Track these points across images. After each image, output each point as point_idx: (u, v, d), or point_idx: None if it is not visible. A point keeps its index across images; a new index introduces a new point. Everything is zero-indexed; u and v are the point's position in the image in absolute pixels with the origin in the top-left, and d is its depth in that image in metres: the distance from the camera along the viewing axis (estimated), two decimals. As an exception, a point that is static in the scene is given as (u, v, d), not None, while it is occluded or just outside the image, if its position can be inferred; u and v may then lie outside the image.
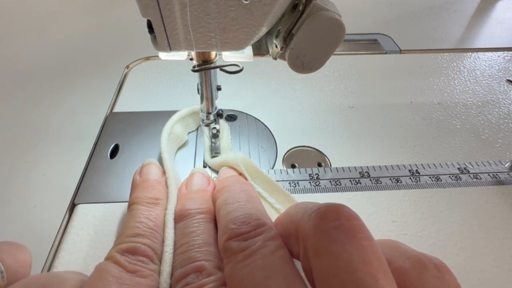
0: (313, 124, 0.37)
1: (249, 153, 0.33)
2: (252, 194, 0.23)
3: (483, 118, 0.38)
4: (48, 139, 0.34)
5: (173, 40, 0.20)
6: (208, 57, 0.25)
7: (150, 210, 0.22)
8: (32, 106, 0.38)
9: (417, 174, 0.31)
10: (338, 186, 0.30)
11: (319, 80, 0.44)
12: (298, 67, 0.23)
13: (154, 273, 0.19)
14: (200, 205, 0.22)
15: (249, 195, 0.22)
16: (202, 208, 0.22)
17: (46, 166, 0.31)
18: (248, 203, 0.21)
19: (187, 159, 0.32)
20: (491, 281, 0.24)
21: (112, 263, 0.18)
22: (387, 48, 0.50)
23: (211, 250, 0.19)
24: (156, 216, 0.22)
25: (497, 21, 0.59)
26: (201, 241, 0.20)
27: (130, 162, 0.32)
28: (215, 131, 0.30)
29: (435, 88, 0.43)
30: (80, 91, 0.41)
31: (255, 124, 0.37)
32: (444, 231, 0.27)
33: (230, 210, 0.20)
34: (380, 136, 0.35)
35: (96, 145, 0.33)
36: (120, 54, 0.48)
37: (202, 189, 0.24)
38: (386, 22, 0.58)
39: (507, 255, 0.25)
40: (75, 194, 0.29)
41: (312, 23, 0.20)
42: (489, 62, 0.48)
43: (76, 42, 0.50)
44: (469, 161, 0.32)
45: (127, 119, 0.36)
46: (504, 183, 0.30)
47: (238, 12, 0.19)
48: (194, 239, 0.20)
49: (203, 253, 0.19)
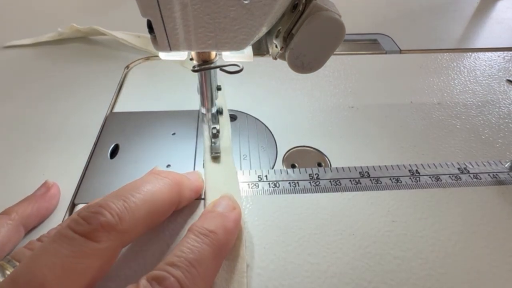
0: (313, 124, 0.37)
1: (249, 153, 0.33)
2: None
3: (483, 118, 0.38)
4: (48, 139, 0.34)
5: (173, 40, 0.20)
6: (208, 57, 0.25)
7: None
8: (32, 105, 0.38)
9: (417, 174, 0.31)
10: (338, 186, 0.30)
11: (319, 80, 0.44)
12: (298, 67, 0.23)
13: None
14: (214, 228, 0.22)
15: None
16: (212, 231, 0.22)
17: (46, 166, 0.31)
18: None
19: (187, 159, 0.32)
20: (491, 281, 0.24)
21: None
22: (387, 48, 0.50)
23: (192, 272, 0.19)
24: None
25: (497, 21, 0.59)
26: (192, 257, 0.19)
27: (130, 162, 0.32)
28: (215, 131, 0.30)
29: (435, 88, 0.43)
30: (80, 91, 0.41)
31: (255, 124, 0.37)
32: (444, 231, 0.27)
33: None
34: (380, 136, 0.35)
35: (96, 145, 0.33)
36: (120, 54, 0.48)
37: (223, 214, 0.23)
38: (386, 22, 0.58)
39: (507, 255, 0.25)
40: (75, 194, 0.29)
41: (312, 23, 0.20)
42: (489, 62, 0.48)
43: (76, 42, 0.50)
44: (469, 161, 0.32)
45: (127, 119, 0.36)
46: (504, 183, 0.30)
47: (238, 12, 0.19)
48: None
49: (185, 271, 0.19)
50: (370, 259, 0.25)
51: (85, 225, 0.18)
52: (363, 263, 0.25)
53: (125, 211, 0.19)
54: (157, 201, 0.22)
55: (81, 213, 0.19)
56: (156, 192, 0.22)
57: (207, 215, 0.23)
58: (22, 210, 0.25)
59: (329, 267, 0.24)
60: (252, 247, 0.25)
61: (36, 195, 0.27)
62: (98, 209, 0.19)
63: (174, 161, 0.32)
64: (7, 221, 0.24)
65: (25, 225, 0.25)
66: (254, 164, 0.32)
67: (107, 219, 0.18)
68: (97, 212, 0.19)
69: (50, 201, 0.27)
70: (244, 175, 0.31)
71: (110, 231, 0.18)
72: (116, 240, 0.19)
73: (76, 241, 0.18)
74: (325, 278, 0.24)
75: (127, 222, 0.19)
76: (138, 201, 0.20)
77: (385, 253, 0.25)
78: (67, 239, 0.18)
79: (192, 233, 0.21)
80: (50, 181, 0.28)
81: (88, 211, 0.19)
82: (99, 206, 0.19)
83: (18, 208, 0.25)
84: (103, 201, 0.19)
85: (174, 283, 0.18)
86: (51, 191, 0.27)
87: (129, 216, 0.19)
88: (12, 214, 0.24)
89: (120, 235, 0.19)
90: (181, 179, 0.25)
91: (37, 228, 0.26)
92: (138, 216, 0.20)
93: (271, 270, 0.24)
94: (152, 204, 0.21)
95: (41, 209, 0.26)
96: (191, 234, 0.21)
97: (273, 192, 0.29)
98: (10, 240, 0.23)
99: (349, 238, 0.26)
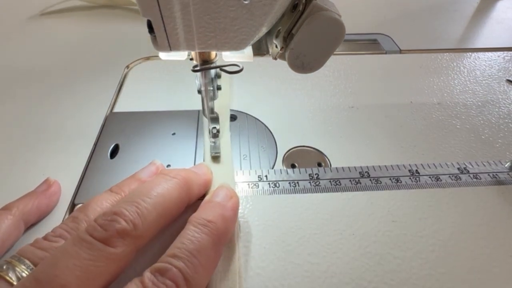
0: (313, 124, 0.37)
1: (249, 153, 0.33)
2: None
3: (483, 118, 0.38)
4: (48, 139, 0.34)
5: (173, 40, 0.20)
6: (208, 57, 0.25)
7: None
8: (32, 106, 0.38)
9: (417, 174, 0.31)
10: (338, 186, 0.30)
11: (319, 80, 0.44)
12: (298, 67, 0.23)
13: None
14: (212, 218, 0.22)
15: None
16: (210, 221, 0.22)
17: (46, 166, 0.31)
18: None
19: (187, 159, 0.32)
20: (491, 281, 0.24)
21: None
22: (387, 48, 0.50)
23: (193, 262, 0.19)
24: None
25: (497, 21, 0.59)
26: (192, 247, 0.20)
27: (130, 162, 0.32)
28: (215, 131, 0.30)
29: (435, 88, 0.43)
30: (80, 91, 0.41)
31: (255, 124, 0.37)
32: (444, 231, 0.27)
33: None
34: (380, 136, 0.35)
35: (96, 145, 0.33)
36: (120, 54, 0.48)
37: (221, 203, 0.24)
38: (386, 22, 0.58)
39: (507, 255, 0.25)
40: (75, 194, 0.29)
41: (312, 23, 0.20)
42: (489, 62, 0.48)
43: (76, 42, 0.50)
44: (469, 161, 0.32)
45: (127, 119, 0.36)
46: (504, 183, 0.30)
47: (238, 12, 0.19)
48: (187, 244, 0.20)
49: (186, 261, 0.19)
50: (370, 259, 0.25)
51: (103, 232, 0.19)
52: (363, 263, 0.25)
53: (138, 217, 0.20)
54: (167, 203, 0.22)
55: (98, 221, 0.20)
56: (166, 195, 0.22)
57: (205, 205, 0.24)
58: (23, 206, 0.25)
59: (329, 267, 0.24)
60: (252, 247, 0.25)
61: (37, 192, 0.27)
62: (113, 216, 0.20)
63: (174, 161, 0.32)
64: (8, 216, 0.24)
65: (25, 221, 0.25)
66: (254, 164, 0.32)
67: (122, 226, 0.20)
68: (113, 220, 0.20)
69: (51, 198, 0.27)
70: (244, 175, 0.31)
71: (125, 237, 0.19)
72: (131, 244, 0.20)
73: (95, 246, 0.19)
74: (325, 278, 0.24)
75: (140, 228, 0.20)
76: (150, 206, 0.21)
77: (385, 253, 0.25)
78: (86, 243, 0.19)
79: (192, 224, 0.21)
80: (52, 179, 0.28)
81: (104, 218, 0.20)
82: (114, 213, 0.20)
83: (19, 204, 0.25)
84: (117, 208, 0.20)
85: (177, 273, 0.18)
86: (52, 188, 0.28)
87: (142, 221, 0.20)
88: (13, 209, 0.24)
89: (134, 240, 0.20)
90: (189, 176, 0.25)
91: (37, 225, 0.26)
92: (150, 220, 0.21)
93: (271, 270, 0.24)
94: (162, 207, 0.22)
95: (41, 205, 0.26)
96: (191, 226, 0.21)
97: (273, 192, 0.29)
98: (11, 235, 0.24)
99: (349, 238, 0.26)
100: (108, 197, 0.24)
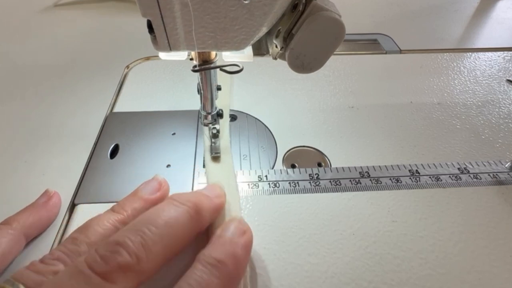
0: (313, 124, 0.37)
1: (249, 153, 0.33)
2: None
3: (483, 118, 0.38)
4: (48, 139, 0.34)
5: (173, 40, 0.20)
6: (208, 57, 0.25)
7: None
8: (32, 106, 0.38)
9: (417, 174, 0.31)
10: (338, 186, 0.30)
11: (319, 80, 0.44)
12: (298, 67, 0.23)
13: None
14: (223, 257, 0.21)
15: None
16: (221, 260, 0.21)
17: (46, 166, 0.31)
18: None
19: (187, 159, 0.32)
20: (491, 281, 0.24)
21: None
22: (387, 48, 0.50)
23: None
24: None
25: (497, 21, 0.59)
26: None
27: (130, 162, 0.32)
28: (215, 131, 0.30)
29: (435, 88, 0.43)
30: (80, 91, 0.41)
31: (255, 124, 0.37)
32: (444, 231, 0.27)
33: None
34: (380, 136, 0.35)
35: (96, 145, 0.33)
36: (120, 54, 0.48)
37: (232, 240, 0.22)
38: (386, 22, 0.58)
39: (507, 255, 0.25)
40: (75, 194, 0.29)
41: (312, 23, 0.20)
42: (489, 62, 0.48)
43: (76, 42, 0.50)
44: (469, 161, 0.32)
45: (127, 119, 0.36)
46: (504, 183, 0.30)
47: (238, 12, 0.19)
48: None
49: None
50: (370, 259, 0.25)
51: (103, 265, 0.18)
52: (363, 263, 0.25)
53: (142, 250, 0.19)
54: (175, 233, 0.20)
55: (99, 251, 0.18)
56: (174, 225, 0.21)
57: (215, 241, 0.21)
58: (24, 220, 0.24)
59: (329, 267, 0.24)
60: (252, 247, 0.25)
61: (38, 204, 0.26)
62: (116, 247, 0.18)
63: (174, 161, 0.32)
64: (9, 231, 0.23)
65: (26, 235, 0.24)
66: (254, 164, 0.32)
67: (125, 259, 0.18)
68: (115, 251, 0.18)
69: (52, 210, 0.27)
70: (244, 175, 0.31)
71: (127, 272, 0.18)
72: (133, 280, 0.18)
73: (93, 281, 0.17)
74: (325, 278, 0.24)
75: (145, 261, 0.19)
76: (156, 237, 0.19)
77: (385, 253, 0.25)
78: (84, 277, 0.17)
79: (200, 263, 0.20)
80: (51, 190, 0.27)
81: (106, 249, 0.18)
82: (116, 244, 0.19)
83: (19, 218, 0.24)
84: (120, 238, 0.19)
85: None
86: (52, 200, 0.27)
87: (147, 254, 0.19)
88: (14, 224, 0.24)
89: (137, 275, 0.18)
90: (200, 202, 0.23)
91: (37, 238, 0.26)
92: (156, 253, 0.19)
93: (271, 270, 0.24)
94: (170, 238, 0.20)
95: (42, 218, 0.26)
96: (199, 265, 0.20)
97: (273, 192, 0.29)
98: (12, 250, 0.23)
99: (349, 238, 0.26)
100: (110, 216, 0.23)
